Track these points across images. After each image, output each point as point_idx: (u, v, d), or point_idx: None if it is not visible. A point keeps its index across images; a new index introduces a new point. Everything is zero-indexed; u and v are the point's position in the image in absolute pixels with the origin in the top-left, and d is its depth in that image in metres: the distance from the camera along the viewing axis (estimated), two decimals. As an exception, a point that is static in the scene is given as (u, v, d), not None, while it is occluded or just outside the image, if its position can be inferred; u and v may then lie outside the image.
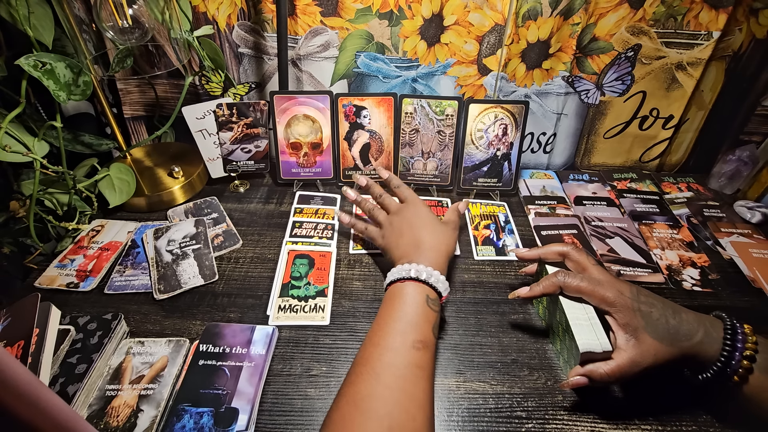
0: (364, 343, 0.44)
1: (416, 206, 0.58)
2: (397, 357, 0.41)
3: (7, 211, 0.62)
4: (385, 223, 0.59)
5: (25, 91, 0.56)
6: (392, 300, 0.47)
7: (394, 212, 0.59)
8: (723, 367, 0.40)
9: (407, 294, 0.47)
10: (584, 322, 0.46)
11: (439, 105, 0.73)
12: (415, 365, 0.41)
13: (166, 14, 0.61)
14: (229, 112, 0.74)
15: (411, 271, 0.48)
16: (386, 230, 0.58)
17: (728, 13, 0.68)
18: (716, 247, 0.66)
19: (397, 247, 0.55)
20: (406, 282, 0.48)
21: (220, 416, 0.43)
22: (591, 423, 0.45)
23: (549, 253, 0.52)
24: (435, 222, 0.56)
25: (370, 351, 0.42)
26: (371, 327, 0.46)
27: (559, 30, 0.70)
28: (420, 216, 0.57)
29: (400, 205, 0.60)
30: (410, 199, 0.60)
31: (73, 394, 0.44)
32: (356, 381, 0.40)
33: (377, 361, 0.41)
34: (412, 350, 0.42)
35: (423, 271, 0.48)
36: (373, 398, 0.38)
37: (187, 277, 0.59)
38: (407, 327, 0.44)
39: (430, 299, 0.47)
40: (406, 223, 0.56)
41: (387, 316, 0.45)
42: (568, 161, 0.86)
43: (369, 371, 0.40)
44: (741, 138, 0.81)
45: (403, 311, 0.45)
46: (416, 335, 0.43)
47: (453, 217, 0.59)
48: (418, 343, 0.42)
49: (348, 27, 0.73)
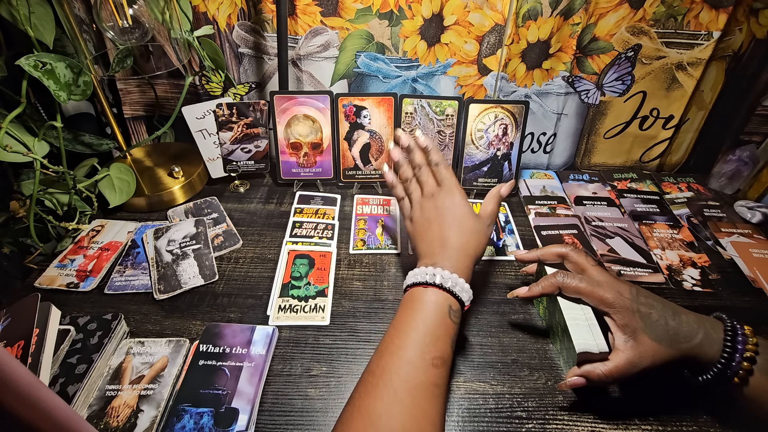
0: (379, 349, 0.43)
1: (452, 195, 0.53)
2: (417, 374, 0.39)
3: (7, 211, 0.62)
4: (416, 205, 0.55)
5: (26, 91, 0.56)
6: (412, 306, 0.45)
7: (428, 195, 0.54)
8: (723, 368, 0.40)
9: (429, 302, 0.44)
10: (582, 322, 0.46)
11: (439, 105, 0.73)
12: (433, 384, 0.40)
13: (167, 14, 0.61)
14: (229, 112, 0.74)
15: (436, 277, 0.45)
16: (415, 213, 0.54)
17: (728, 13, 0.67)
18: (716, 247, 0.66)
19: (422, 239, 0.51)
20: (429, 288, 0.45)
21: (220, 416, 0.43)
22: (591, 423, 0.45)
23: (548, 255, 0.51)
24: (468, 217, 0.51)
25: (388, 361, 0.41)
26: (388, 331, 0.44)
27: (559, 30, 0.70)
28: (453, 208, 0.52)
29: (435, 189, 0.54)
30: (447, 183, 0.54)
31: (73, 394, 0.44)
32: (373, 394, 0.39)
33: (395, 375, 0.39)
34: (431, 367, 0.40)
35: (448, 278, 0.45)
36: (389, 416, 0.37)
37: (187, 277, 0.59)
38: (427, 339, 0.42)
39: (452, 310, 0.44)
40: (437, 213, 0.52)
41: (406, 324, 0.43)
42: (569, 161, 0.86)
43: (387, 386, 0.39)
44: (741, 138, 0.81)
45: (423, 321, 0.43)
46: (436, 351, 0.41)
47: (490, 208, 0.54)
48: (438, 360, 0.41)
49: (348, 27, 0.73)
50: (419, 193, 0.56)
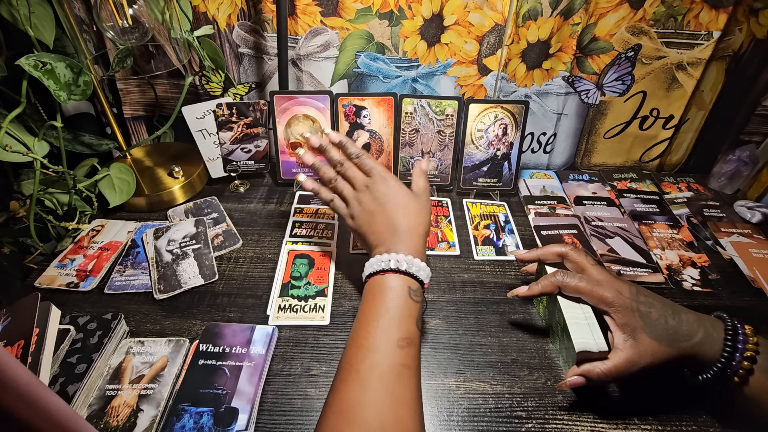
0: (347, 344, 0.43)
1: (386, 181, 0.52)
2: (382, 358, 0.39)
3: (7, 211, 0.62)
4: (353, 201, 0.53)
5: (26, 91, 0.56)
6: (373, 295, 0.45)
7: (361, 188, 0.53)
8: (723, 367, 0.40)
9: (388, 288, 0.45)
10: (581, 321, 0.46)
11: (439, 105, 0.73)
12: (400, 364, 0.39)
13: (167, 14, 0.62)
14: (229, 112, 0.74)
15: (390, 262, 0.46)
16: (354, 209, 0.53)
17: (728, 13, 0.67)
18: (716, 247, 0.66)
19: (371, 232, 0.51)
20: (387, 274, 0.45)
21: (219, 416, 0.43)
22: (591, 423, 0.45)
23: (548, 254, 0.52)
24: (409, 198, 0.52)
25: (354, 353, 0.41)
26: (353, 326, 0.44)
27: (559, 30, 0.70)
28: (392, 193, 0.51)
29: (367, 180, 0.53)
30: (376, 171, 0.53)
31: (73, 394, 0.44)
32: (342, 388, 0.39)
33: (362, 365, 0.39)
34: (397, 349, 0.40)
35: (403, 260, 0.46)
36: (361, 405, 0.37)
37: (187, 277, 0.59)
38: (390, 324, 0.42)
39: (412, 290, 0.45)
40: (377, 203, 0.51)
41: (368, 314, 0.43)
42: (568, 161, 0.86)
43: (354, 376, 0.39)
44: (741, 138, 0.81)
45: (384, 307, 0.43)
46: (400, 333, 0.41)
47: (422, 183, 0.54)
48: (403, 341, 0.41)
49: (348, 27, 0.73)
50: (350, 189, 0.54)
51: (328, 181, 0.56)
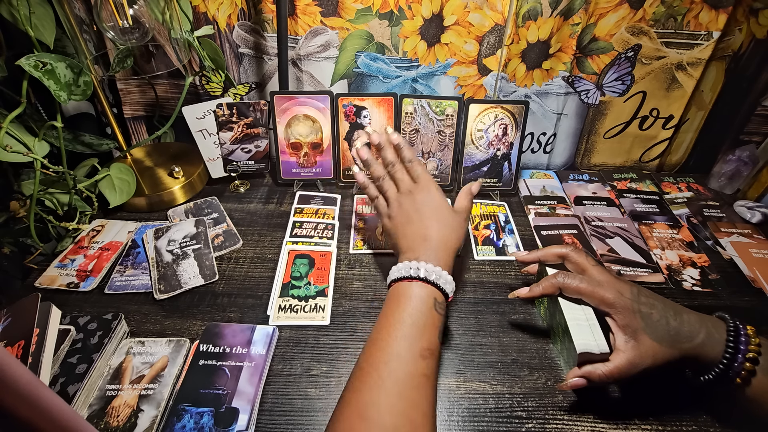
0: (367, 344, 0.43)
1: (429, 190, 0.54)
2: (404, 365, 0.40)
3: (7, 211, 0.62)
4: (394, 202, 0.55)
5: (26, 91, 0.56)
6: (398, 300, 0.45)
7: (405, 192, 0.55)
8: (725, 369, 0.40)
9: (414, 295, 0.45)
10: (583, 323, 0.46)
11: (439, 105, 0.73)
12: (421, 374, 0.40)
13: (167, 14, 0.62)
14: (229, 112, 0.74)
15: (420, 271, 0.46)
16: (393, 210, 0.55)
17: (728, 13, 0.68)
18: (716, 247, 0.66)
19: (404, 236, 0.52)
20: (414, 282, 0.46)
21: (220, 416, 0.43)
22: (591, 423, 0.45)
23: (548, 255, 0.52)
24: (447, 211, 0.53)
25: (376, 356, 0.41)
26: (375, 327, 0.45)
27: (559, 30, 0.70)
28: (432, 203, 0.53)
29: (411, 185, 0.55)
30: (423, 179, 0.55)
31: (73, 394, 0.44)
32: (361, 388, 0.39)
33: (383, 369, 0.39)
34: (419, 359, 0.41)
35: (432, 271, 0.46)
36: (377, 407, 0.37)
37: (188, 277, 0.59)
38: (414, 332, 0.42)
39: (437, 302, 0.45)
40: (415, 208, 0.53)
41: (392, 318, 0.44)
42: (568, 161, 0.86)
43: (375, 379, 0.39)
44: (741, 138, 0.81)
45: (409, 314, 0.43)
46: (423, 342, 0.42)
47: (465, 204, 0.55)
48: (425, 351, 0.41)
49: (348, 27, 0.73)
50: (395, 190, 0.56)
51: (377, 179, 0.58)
